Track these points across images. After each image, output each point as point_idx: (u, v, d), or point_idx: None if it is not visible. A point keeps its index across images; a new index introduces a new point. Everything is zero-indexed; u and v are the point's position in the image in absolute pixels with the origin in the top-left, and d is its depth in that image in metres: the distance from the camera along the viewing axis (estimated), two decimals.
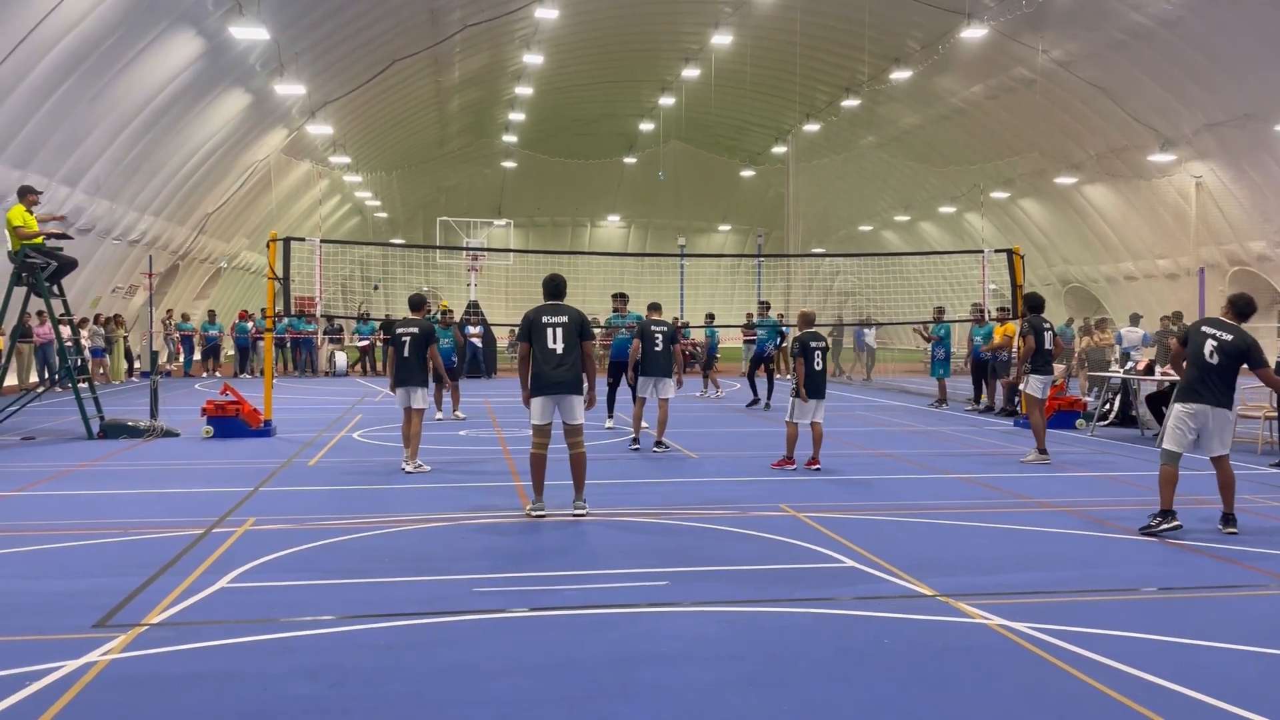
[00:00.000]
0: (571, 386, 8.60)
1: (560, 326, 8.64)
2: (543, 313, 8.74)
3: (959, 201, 42.81)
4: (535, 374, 8.62)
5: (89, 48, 18.36)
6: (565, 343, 8.61)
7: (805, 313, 12.11)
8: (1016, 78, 32.95)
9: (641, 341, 13.04)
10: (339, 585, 6.49)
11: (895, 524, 8.46)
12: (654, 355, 12.94)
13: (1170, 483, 7.97)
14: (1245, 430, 13.87)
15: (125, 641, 5.30)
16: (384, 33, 28.87)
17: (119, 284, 27.21)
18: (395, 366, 11.12)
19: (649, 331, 13.01)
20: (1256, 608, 6.14)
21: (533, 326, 8.68)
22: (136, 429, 13.95)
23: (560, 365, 8.57)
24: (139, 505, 9.15)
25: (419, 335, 11.09)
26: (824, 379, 11.55)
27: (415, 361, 11.03)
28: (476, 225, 38.49)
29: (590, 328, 8.93)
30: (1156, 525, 7.91)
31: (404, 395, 11.02)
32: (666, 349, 12.99)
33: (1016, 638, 5.43)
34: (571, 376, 8.61)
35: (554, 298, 8.91)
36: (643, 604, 6.06)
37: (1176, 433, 8.10)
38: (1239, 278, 32.15)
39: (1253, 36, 25.41)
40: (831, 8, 32.35)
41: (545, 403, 8.60)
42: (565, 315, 8.72)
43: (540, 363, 8.59)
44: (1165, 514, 7.92)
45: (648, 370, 13.00)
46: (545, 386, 8.56)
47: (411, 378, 11.02)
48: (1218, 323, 8.24)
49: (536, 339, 8.64)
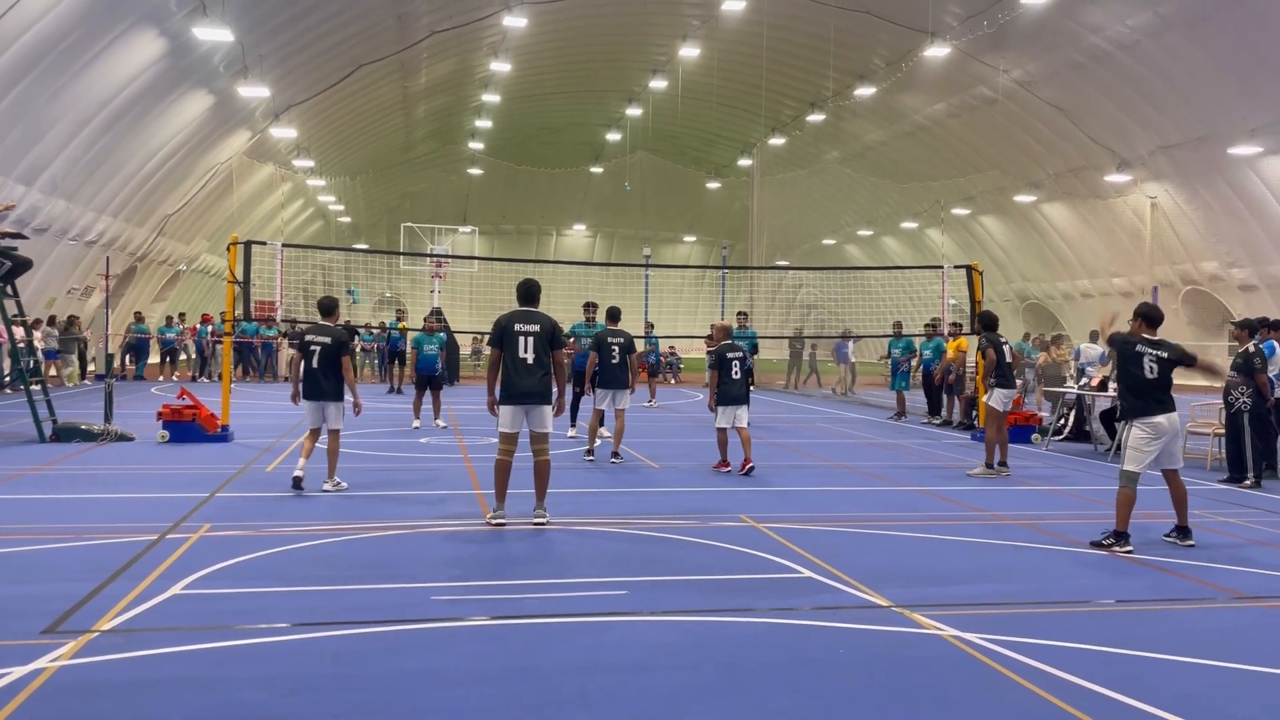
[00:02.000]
0: (542, 396, 8.59)
1: (532, 335, 8.62)
2: (515, 320, 8.69)
3: (921, 217, 43.36)
4: (506, 382, 8.58)
5: (48, 45, 18.10)
6: (536, 352, 8.59)
7: (722, 325, 12.32)
8: (978, 97, 33.47)
9: (598, 353, 12.75)
10: (294, 592, 6.43)
11: (853, 535, 8.54)
12: (610, 368, 12.67)
13: (1129, 504, 8.05)
14: (1195, 446, 14.15)
15: (75, 648, 5.21)
16: (350, 37, 28.72)
17: (75, 285, 26.78)
18: (304, 379, 10.01)
19: (605, 343, 12.73)
20: (1207, 621, 6.26)
21: (505, 334, 8.64)
22: (90, 433, 13.73)
23: (531, 374, 8.54)
24: (91, 510, 9.01)
25: (330, 346, 10.00)
26: (743, 388, 12.03)
27: (326, 374, 9.94)
28: (441, 232, 38.33)
29: (561, 336, 8.93)
30: (1109, 545, 8.01)
31: (316, 412, 10.01)
32: (624, 360, 12.72)
33: (970, 649, 5.50)
34: (542, 386, 8.60)
35: (528, 303, 8.87)
36: (602, 613, 6.06)
37: (1138, 453, 8.09)
38: (1192, 297, 32.83)
39: (1207, 62, 26.02)
40: (798, 24, 32.67)
41: (515, 411, 8.57)
42: (537, 324, 8.68)
43: (511, 371, 8.56)
44: (1120, 535, 8.02)
45: (605, 382, 12.76)
46: (516, 395, 8.53)
47: (323, 392, 9.96)
48: (1146, 340, 8.27)
49: (508, 347, 8.61)
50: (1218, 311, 32.40)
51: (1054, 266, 38.98)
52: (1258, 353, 11.80)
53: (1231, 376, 11.91)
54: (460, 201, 54.44)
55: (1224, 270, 30.77)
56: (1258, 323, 12.53)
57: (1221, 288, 31.41)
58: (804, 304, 41.39)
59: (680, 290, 57.59)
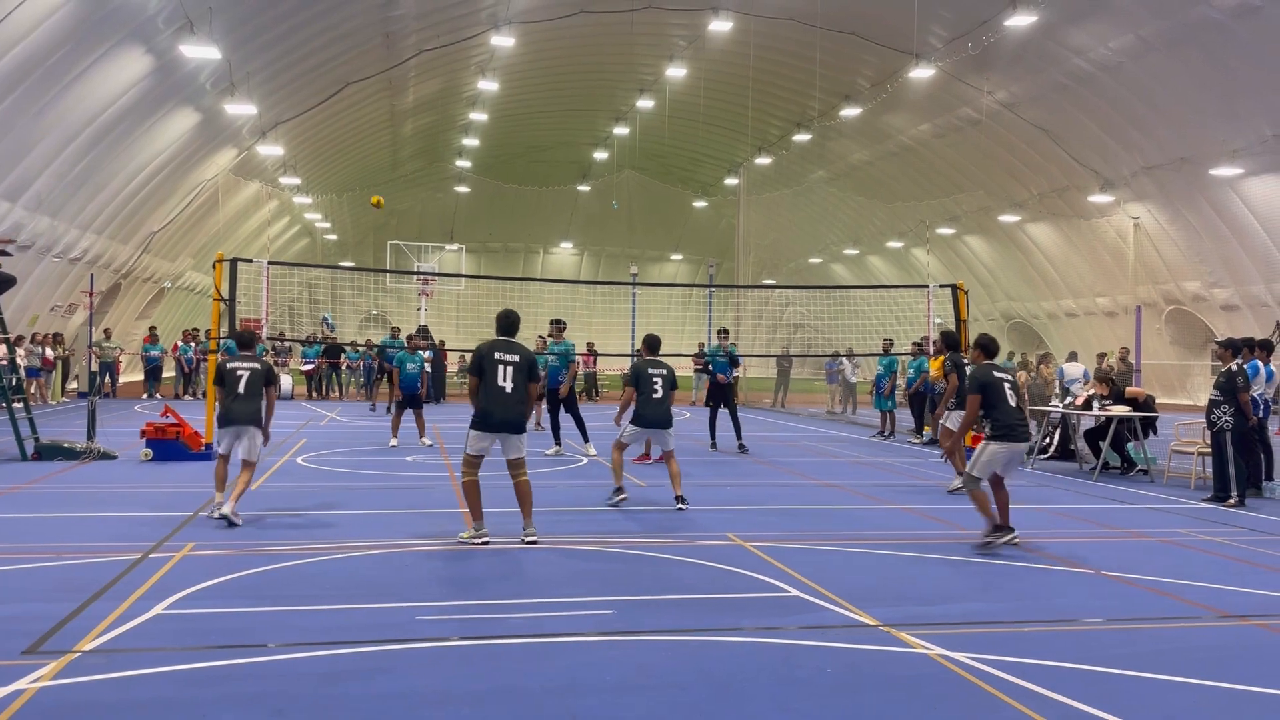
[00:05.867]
0: (517, 426, 8.71)
1: (512, 365, 8.70)
2: (495, 349, 8.77)
3: (906, 237, 43.60)
4: (482, 409, 8.63)
5: (35, 62, 18.06)
6: (515, 382, 8.68)
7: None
8: (962, 117, 33.75)
9: (636, 387, 10.85)
10: (278, 612, 6.39)
11: (839, 554, 8.54)
12: (653, 404, 10.80)
13: (988, 501, 8.96)
14: (1179, 465, 14.24)
15: (56, 669, 5.16)
16: (338, 55, 28.77)
17: (58, 302, 26.62)
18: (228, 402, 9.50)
19: (646, 375, 10.85)
20: (1193, 640, 6.28)
21: (484, 361, 8.71)
22: (73, 451, 13.63)
23: (507, 404, 8.64)
24: (74, 529, 8.93)
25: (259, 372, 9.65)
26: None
27: (251, 399, 9.48)
28: (428, 249, 38.31)
29: (538, 370, 9.06)
30: (995, 540, 8.82)
31: (232, 436, 9.49)
32: (667, 395, 10.88)
33: (957, 668, 5.50)
34: (517, 415, 8.71)
35: (507, 334, 8.98)
36: (588, 632, 6.04)
37: (990, 466, 8.95)
38: (1175, 316, 33.07)
39: (1189, 84, 26.31)
40: (784, 45, 32.91)
41: (487, 438, 8.67)
42: (517, 355, 8.78)
43: (489, 399, 8.62)
44: (998, 529, 8.89)
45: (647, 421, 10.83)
46: (491, 424, 8.62)
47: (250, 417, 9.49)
48: (997, 367, 9.32)
49: (488, 375, 8.67)
50: (1200, 331, 32.65)
51: (1038, 286, 39.23)
52: (1240, 372, 11.89)
53: (1214, 395, 11.99)
54: (447, 219, 54.46)
55: (1206, 290, 31.03)
56: (1242, 343, 12.63)
57: (1204, 307, 31.65)
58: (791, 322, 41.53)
59: (667, 309, 57.60)
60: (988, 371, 9.18)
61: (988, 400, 9.02)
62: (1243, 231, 28.47)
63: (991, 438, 8.98)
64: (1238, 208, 28.10)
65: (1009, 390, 9.07)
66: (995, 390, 9.01)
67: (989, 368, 9.27)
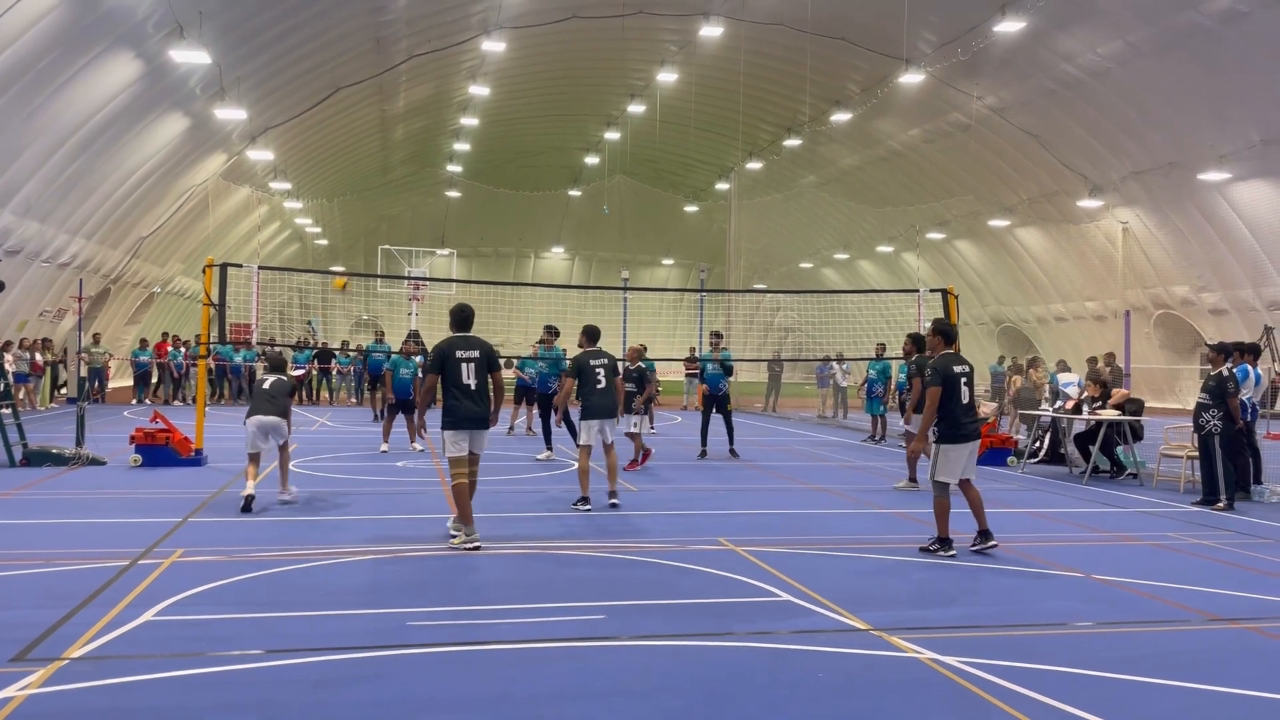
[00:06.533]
0: (485, 420, 8.87)
1: (473, 362, 8.83)
2: (455, 347, 8.87)
3: (896, 241, 43.73)
4: (451, 407, 8.76)
5: (24, 67, 17.99)
6: (478, 378, 8.83)
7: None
8: (952, 122, 33.87)
9: (579, 379, 10.94)
10: (269, 619, 6.36)
11: (831, 558, 8.54)
12: (596, 394, 10.86)
13: (947, 512, 8.71)
14: (1168, 469, 14.29)
15: (44, 676, 5.13)
16: (328, 60, 28.73)
17: (47, 308, 26.51)
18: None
19: (588, 367, 10.91)
20: (1181, 643, 6.29)
21: (445, 360, 8.81)
22: (61, 457, 13.56)
23: (475, 400, 8.78)
24: (62, 535, 8.88)
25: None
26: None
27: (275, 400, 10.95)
28: (419, 254, 38.26)
29: (498, 359, 9.18)
30: (934, 550, 8.63)
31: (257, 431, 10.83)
32: (609, 385, 10.97)
33: (948, 672, 5.50)
34: (484, 410, 8.86)
35: (463, 328, 9.07)
36: (580, 638, 6.03)
37: (951, 468, 8.70)
38: (1163, 320, 33.21)
39: (1177, 89, 26.45)
40: (774, 50, 32.99)
41: (461, 435, 8.77)
42: (477, 349, 8.90)
43: (456, 397, 8.74)
44: (945, 541, 8.66)
45: (591, 412, 10.88)
46: (462, 420, 8.73)
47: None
48: (956, 358, 8.90)
49: (450, 373, 8.77)
50: (1189, 335, 32.80)
51: (1028, 290, 39.37)
52: (1230, 377, 11.94)
53: (1203, 399, 12.04)
54: (438, 224, 54.43)
55: (1195, 294, 31.17)
56: (1232, 347, 12.70)
57: (1193, 311, 31.80)
58: (782, 327, 41.59)
59: (659, 313, 57.68)
60: (948, 363, 8.77)
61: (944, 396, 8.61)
62: (1231, 236, 28.61)
63: (941, 439, 8.67)
64: (1226, 212, 28.25)
65: (964, 386, 8.72)
66: (953, 385, 8.65)
67: (950, 358, 8.85)
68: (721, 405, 16.49)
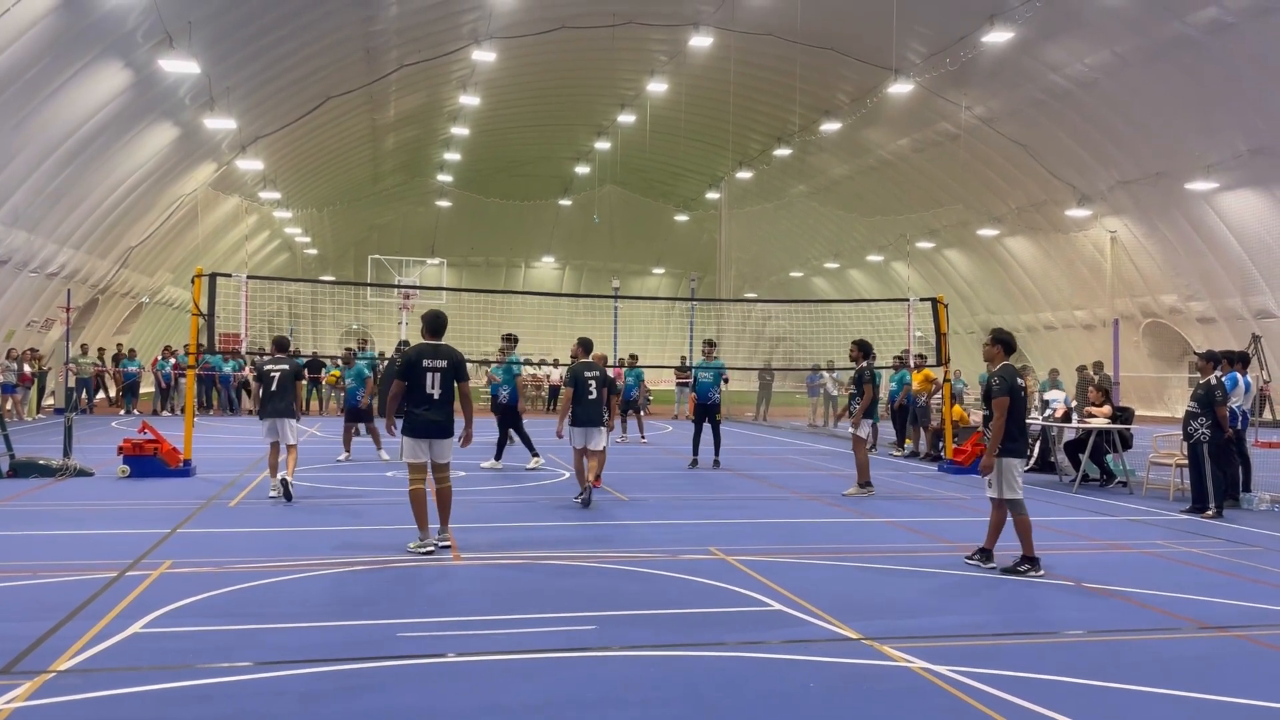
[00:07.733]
0: (444, 430, 8.87)
1: (439, 371, 8.87)
2: (424, 356, 8.89)
3: (886, 250, 43.86)
4: (410, 414, 8.83)
5: (13, 76, 17.95)
6: (442, 388, 8.87)
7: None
8: (941, 132, 34.02)
9: (574, 389, 11.72)
10: (258, 630, 6.32)
11: (822, 568, 8.54)
12: (587, 404, 11.66)
13: (1030, 529, 8.42)
14: (1157, 477, 14.33)
15: (31, 689, 5.09)
16: (318, 70, 28.73)
17: (35, 318, 26.38)
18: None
19: (582, 378, 11.73)
20: (1172, 651, 6.30)
21: (412, 369, 8.85)
22: (48, 468, 13.47)
23: (436, 409, 8.82)
24: (49, 547, 8.82)
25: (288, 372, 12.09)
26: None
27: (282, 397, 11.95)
28: (409, 264, 38.22)
29: (465, 369, 9.18)
30: (1024, 570, 8.25)
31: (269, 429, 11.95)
32: (600, 396, 11.77)
33: (940, 681, 5.50)
34: (444, 419, 8.87)
35: (434, 336, 9.09)
36: (571, 648, 6.01)
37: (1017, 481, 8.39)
38: (1152, 329, 33.37)
39: (1164, 99, 26.63)
40: (764, 60, 33.11)
41: (419, 444, 8.82)
42: (444, 359, 8.92)
43: (417, 404, 8.79)
44: (1032, 561, 8.30)
45: (582, 420, 11.68)
46: (420, 428, 8.78)
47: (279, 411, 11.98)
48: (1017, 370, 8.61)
49: (415, 381, 8.81)
50: (1177, 344, 32.97)
51: (1017, 299, 39.52)
52: (1219, 385, 11.99)
53: (1192, 408, 12.09)
54: (428, 234, 54.41)
55: (1183, 303, 31.33)
56: (1221, 355, 12.76)
57: (1181, 320, 31.96)
58: (773, 336, 41.63)
59: (649, 322, 57.73)
60: (1014, 374, 8.41)
61: (1014, 406, 8.27)
62: (1218, 245, 28.78)
63: (1008, 452, 8.31)
64: (1213, 222, 28.42)
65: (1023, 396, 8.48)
66: (1019, 396, 8.30)
67: (1012, 370, 8.48)
68: (712, 415, 16.42)
